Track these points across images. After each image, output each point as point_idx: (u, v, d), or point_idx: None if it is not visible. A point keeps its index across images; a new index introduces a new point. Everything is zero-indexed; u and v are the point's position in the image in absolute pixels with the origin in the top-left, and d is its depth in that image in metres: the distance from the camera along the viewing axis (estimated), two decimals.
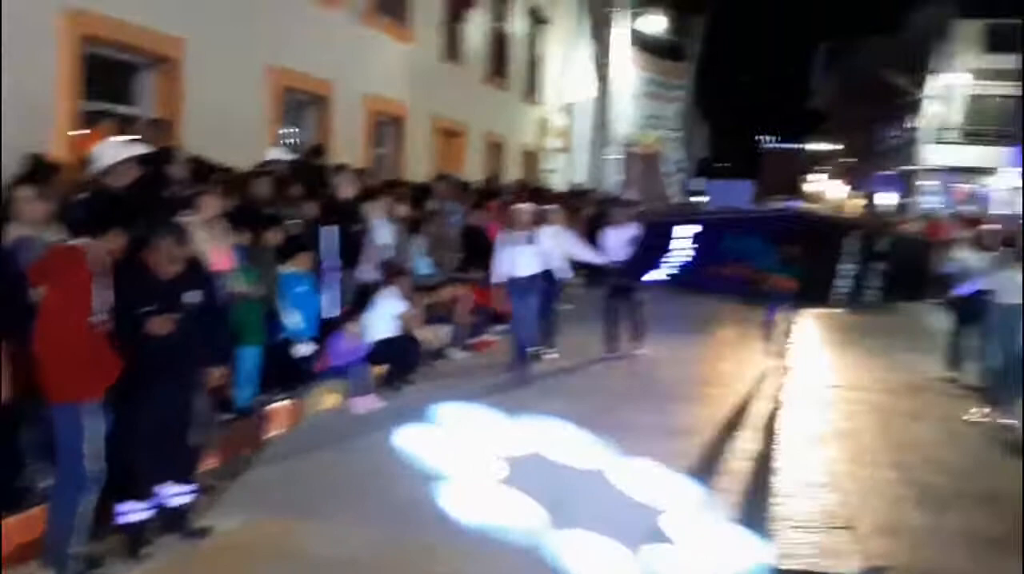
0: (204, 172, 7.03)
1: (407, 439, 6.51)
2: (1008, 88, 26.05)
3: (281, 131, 10.54)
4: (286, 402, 7.10)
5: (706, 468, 6.29)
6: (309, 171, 9.07)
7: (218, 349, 5.23)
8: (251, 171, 7.85)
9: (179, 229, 4.89)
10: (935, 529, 5.43)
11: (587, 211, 15.23)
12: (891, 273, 8.36)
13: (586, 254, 10.20)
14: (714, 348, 10.69)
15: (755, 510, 5.55)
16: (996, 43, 27.83)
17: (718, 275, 8.62)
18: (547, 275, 9.38)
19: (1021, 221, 15.45)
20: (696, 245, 9.08)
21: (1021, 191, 21.55)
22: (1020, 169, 21.53)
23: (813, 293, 8.46)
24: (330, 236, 7.86)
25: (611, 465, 6.06)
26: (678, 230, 9.46)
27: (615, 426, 6.81)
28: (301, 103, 11.21)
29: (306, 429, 7.04)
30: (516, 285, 9.07)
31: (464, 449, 6.34)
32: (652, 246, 9.28)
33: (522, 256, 9.10)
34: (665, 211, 21.21)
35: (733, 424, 7.52)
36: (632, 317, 10.20)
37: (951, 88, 30.62)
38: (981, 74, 29.26)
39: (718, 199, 31.73)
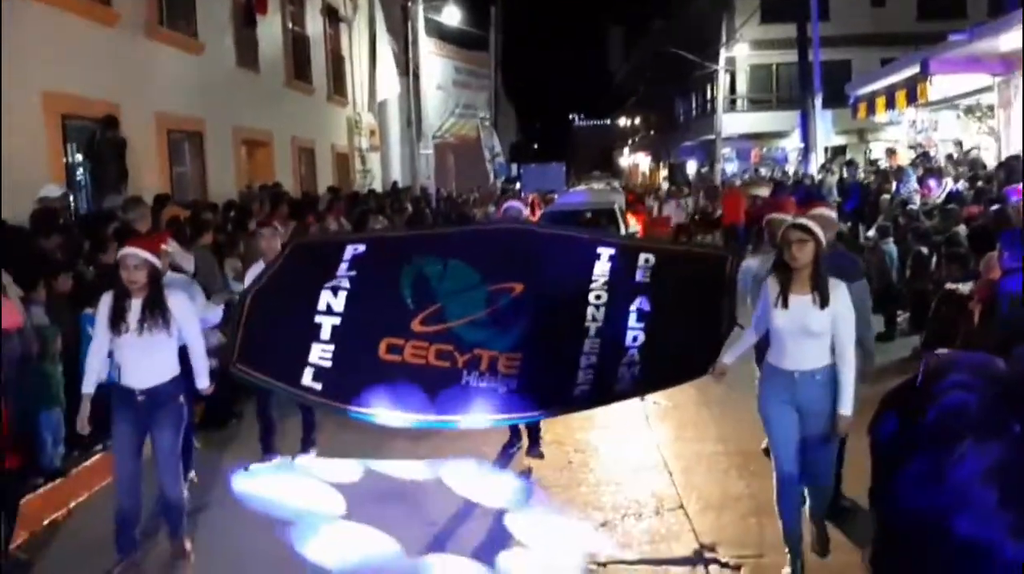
0: None
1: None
2: (786, 56, 27.90)
3: (66, 162, 9.81)
4: (100, 456, 6.63)
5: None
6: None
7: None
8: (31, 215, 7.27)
9: None
10: (758, 497, 5.60)
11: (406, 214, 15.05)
12: (659, 323, 4.84)
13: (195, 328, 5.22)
14: None
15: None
16: (771, 15, 29.75)
17: (393, 366, 4.82)
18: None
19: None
20: (360, 285, 5.01)
21: (803, 151, 23.20)
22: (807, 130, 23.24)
23: (538, 383, 4.91)
24: None
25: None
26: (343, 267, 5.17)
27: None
28: (86, 130, 10.47)
29: None
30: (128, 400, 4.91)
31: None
32: (291, 294, 5.11)
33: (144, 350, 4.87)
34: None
35: None
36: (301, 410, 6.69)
37: (736, 59, 32.63)
38: (760, 44, 31.33)
39: (532, 182, 32.06)
